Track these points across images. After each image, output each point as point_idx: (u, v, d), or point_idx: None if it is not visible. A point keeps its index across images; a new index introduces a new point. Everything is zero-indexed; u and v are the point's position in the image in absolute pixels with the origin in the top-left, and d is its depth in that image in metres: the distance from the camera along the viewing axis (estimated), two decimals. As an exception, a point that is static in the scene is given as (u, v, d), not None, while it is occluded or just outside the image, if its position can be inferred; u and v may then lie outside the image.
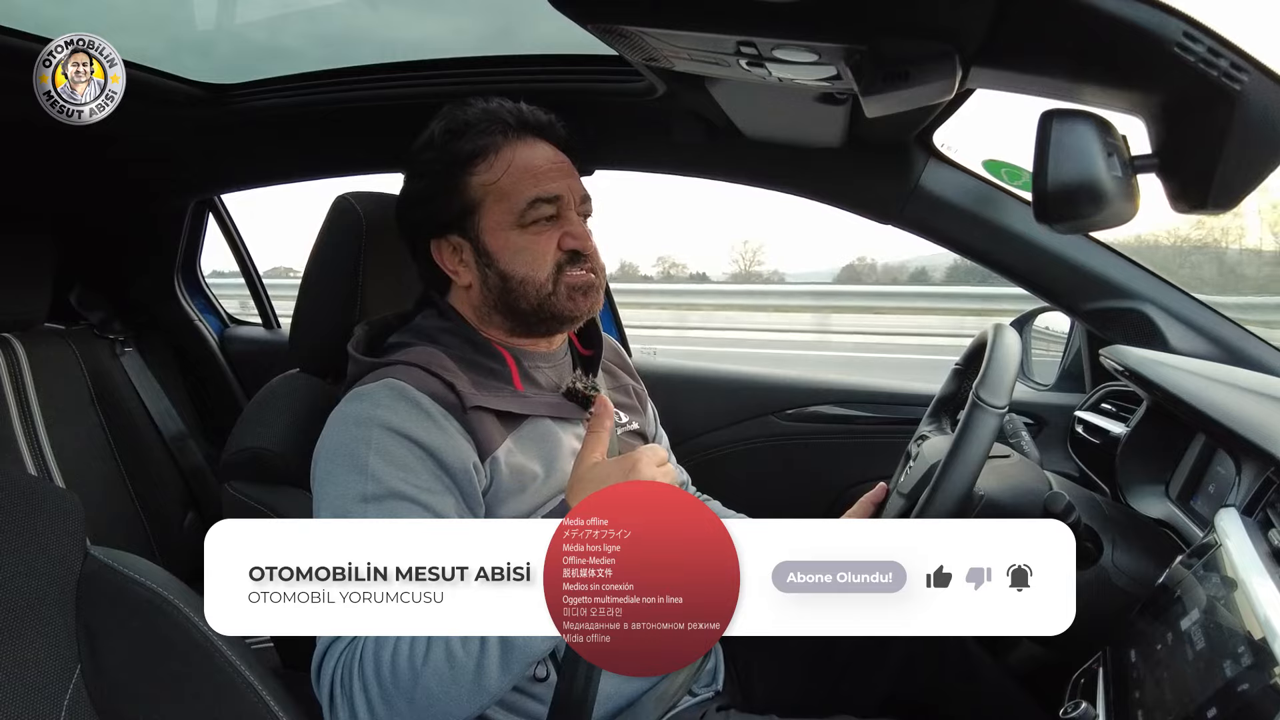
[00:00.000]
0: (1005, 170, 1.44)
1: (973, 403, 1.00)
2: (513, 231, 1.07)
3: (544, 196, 1.07)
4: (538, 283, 1.07)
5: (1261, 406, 1.01)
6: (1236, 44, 0.70)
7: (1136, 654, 0.85)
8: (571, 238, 1.08)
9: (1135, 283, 1.38)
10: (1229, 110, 0.71)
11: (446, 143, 1.09)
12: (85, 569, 0.79)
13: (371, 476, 0.93)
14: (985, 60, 0.85)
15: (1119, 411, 1.39)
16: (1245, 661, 0.67)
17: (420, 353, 1.05)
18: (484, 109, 1.10)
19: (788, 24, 0.81)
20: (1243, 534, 0.81)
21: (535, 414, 1.08)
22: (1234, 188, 0.75)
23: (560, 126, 1.13)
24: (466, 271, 1.10)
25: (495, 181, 1.07)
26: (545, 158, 1.10)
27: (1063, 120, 0.77)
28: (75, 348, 1.92)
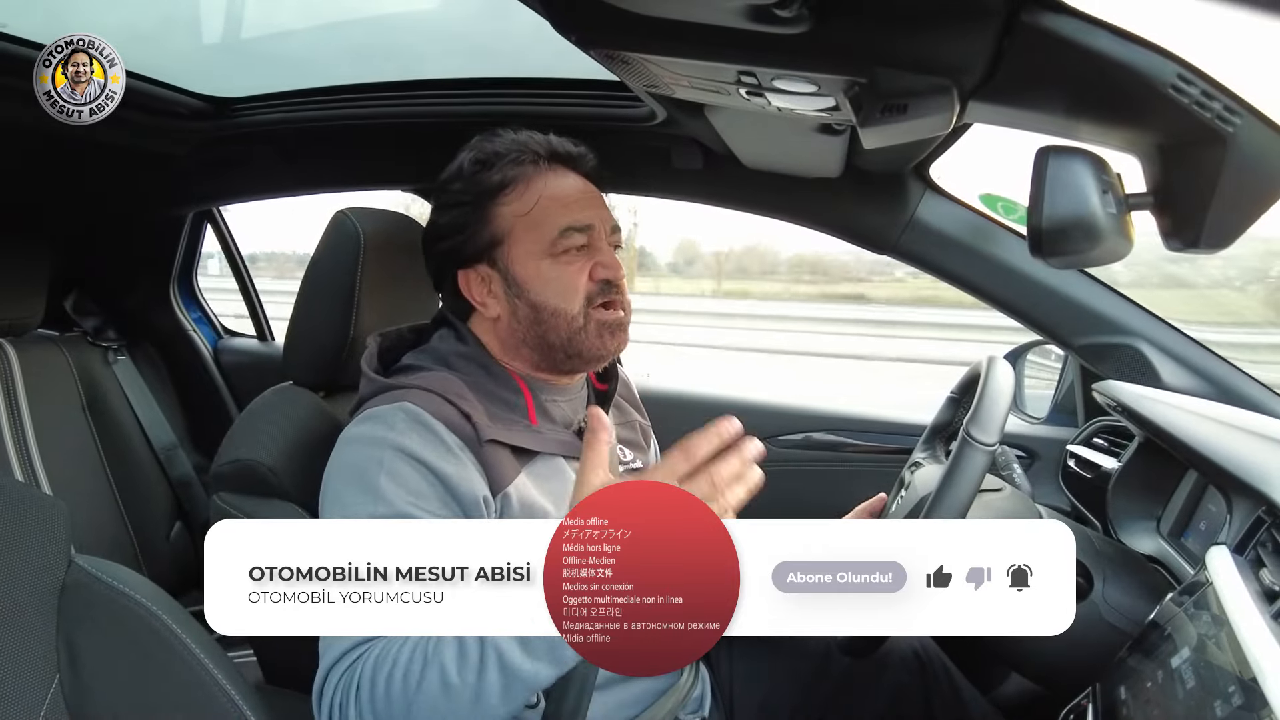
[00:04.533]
0: (1001, 204, 1.45)
1: (963, 439, 0.99)
2: (544, 261, 1.05)
3: (576, 226, 1.06)
4: (569, 314, 1.05)
5: (1253, 445, 1.01)
6: (1230, 87, 0.71)
7: (1126, 691, 0.84)
8: (603, 267, 1.06)
9: (1129, 319, 1.39)
10: (1221, 152, 0.72)
11: (475, 173, 1.07)
12: (69, 578, 0.78)
13: (382, 498, 0.92)
14: (983, 95, 0.86)
15: (1111, 446, 1.39)
16: (1236, 701, 0.66)
17: (437, 378, 1.03)
18: (513, 140, 1.09)
19: (788, 54, 0.81)
20: (1233, 572, 0.81)
21: (548, 451, 1.06)
22: (1226, 228, 0.76)
23: (590, 158, 1.12)
24: (495, 303, 1.08)
25: (526, 213, 1.06)
26: (576, 188, 1.09)
27: (1059, 156, 0.77)
28: (68, 354, 1.91)
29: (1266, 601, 0.76)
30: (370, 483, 0.93)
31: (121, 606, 0.77)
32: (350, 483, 0.95)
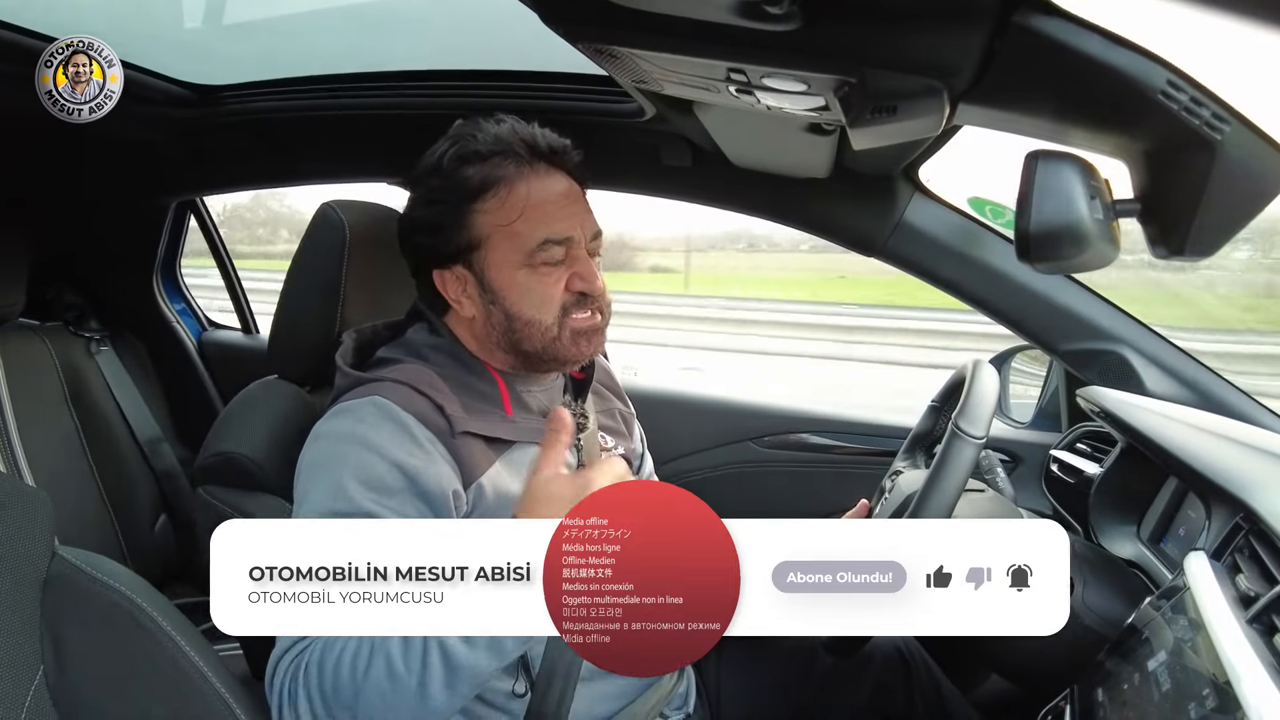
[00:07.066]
0: (990, 208, 1.45)
1: (952, 432, 1.00)
2: (520, 271, 1.04)
3: (555, 239, 1.03)
4: (544, 325, 1.04)
5: (1233, 452, 1.02)
6: (1218, 94, 0.71)
7: (1104, 693, 0.85)
8: (580, 279, 1.05)
9: (1114, 325, 1.40)
10: (1209, 159, 0.72)
11: (455, 169, 1.04)
12: (52, 570, 0.77)
13: (343, 495, 0.92)
14: (973, 98, 0.86)
15: (1094, 452, 1.40)
16: (1210, 704, 0.67)
17: (410, 370, 1.03)
18: (496, 135, 1.05)
19: (778, 52, 0.81)
20: (1211, 578, 0.82)
21: (524, 440, 1.06)
22: (1212, 235, 0.77)
23: (574, 154, 1.09)
24: (470, 304, 1.07)
25: (507, 223, 1.04)
26: (558, 193, 1.06)
27: (1048, 161, 0.77)
28: (49, 344, 1.89)
29: (1242, 607, 0.77)
30: (335, 479, 0.93)
31: (106, 599, 0.77)
32: (316, 478, 0.95)
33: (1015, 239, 0.80)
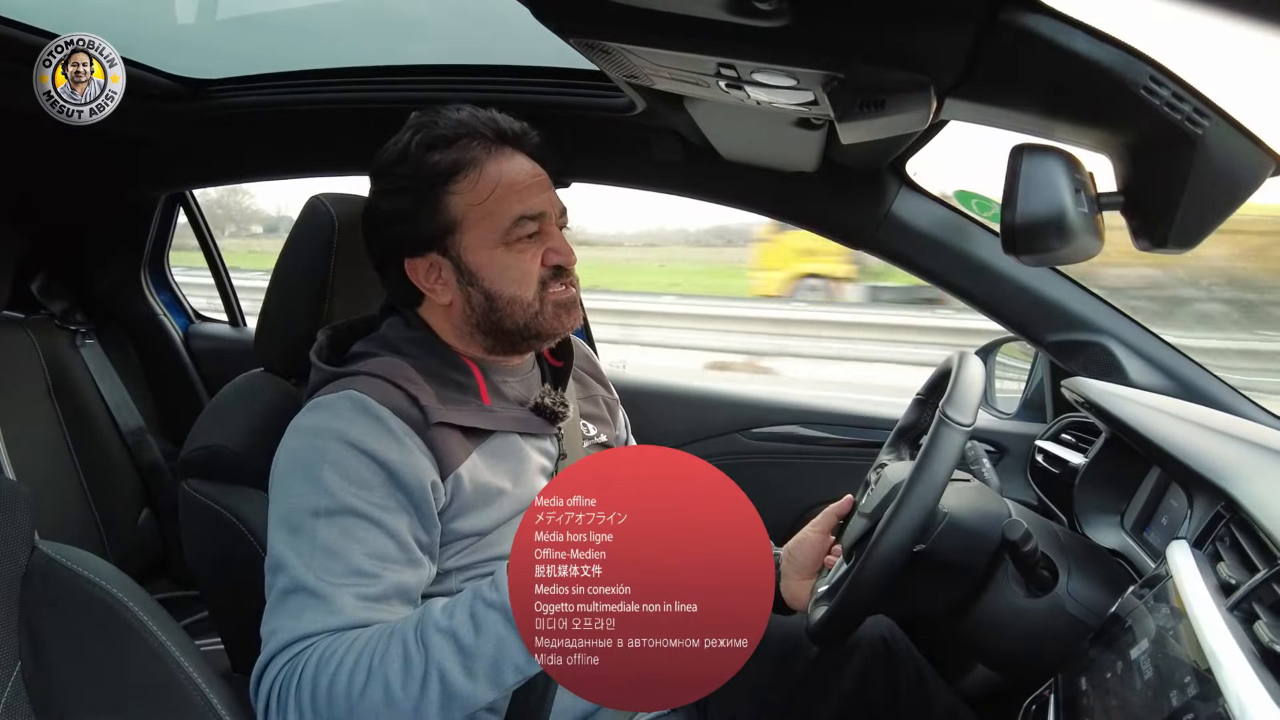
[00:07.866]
0: (976, 201, 1.46)
1: (939, 420, 1.00)
2: (497, 249, 1.05)
3: (529, 214, 1.05)
4: (525, 301, 1.06)
5: (1214, 442, 1.04)
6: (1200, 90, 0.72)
7: (1087, 682, 0.86)
8: (555, 253, 1.06)
9: (1098, 317, 1.41)
10: (1190, 153, 0.74)
11: (422, 156, 1.05)
12: (31, 563, 0.77)
13: (325, 491, 0.92)
14: (960, 93, 0.86)
15: (1078, 442, 1.41)
16: (1191, 692, 0.68)
17: (384, 363, 1.03)
18: (458, 120, 1.06)
19: (767, 48, 0.82)
20: (1192, 566, 0.83)
21: (501, 429, 1.06)
22: (1193, 228, 0.78)
23: (534, 135, 1.10)
24: (446, 290, 1.07)
25: (480, 202, 1.04)
26: (526, 172, 1.07)
27: (1033, 155, 0.78)
28: (34, 337, 1.88)
29: (1223, 595, 0.78)
30: (313, 474, 0.93)
31: (86, 593, 0.76)
32: (295, 474, 0.95)
33: (1001, 231, 0.81)
